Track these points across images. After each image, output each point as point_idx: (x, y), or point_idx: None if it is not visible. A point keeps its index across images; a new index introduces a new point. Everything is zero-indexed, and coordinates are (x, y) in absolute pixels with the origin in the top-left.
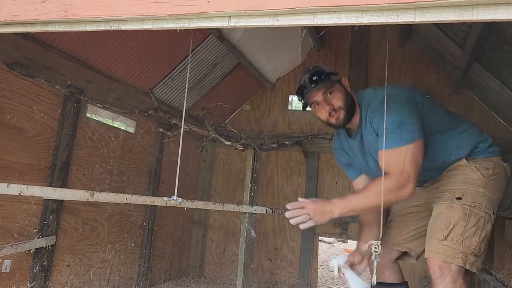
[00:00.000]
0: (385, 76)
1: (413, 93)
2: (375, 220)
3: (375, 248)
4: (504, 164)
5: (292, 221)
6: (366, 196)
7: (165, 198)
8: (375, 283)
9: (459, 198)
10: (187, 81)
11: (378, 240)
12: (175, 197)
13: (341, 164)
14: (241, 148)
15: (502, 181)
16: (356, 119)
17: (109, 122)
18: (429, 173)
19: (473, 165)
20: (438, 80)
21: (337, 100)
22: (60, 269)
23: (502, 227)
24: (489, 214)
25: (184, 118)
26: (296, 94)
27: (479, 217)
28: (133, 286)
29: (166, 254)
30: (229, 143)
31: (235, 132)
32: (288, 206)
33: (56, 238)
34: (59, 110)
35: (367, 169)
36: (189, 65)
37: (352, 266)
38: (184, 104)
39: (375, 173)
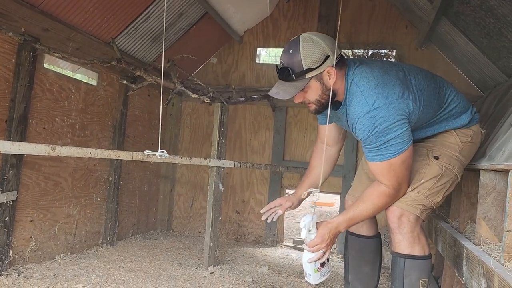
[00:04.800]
0: (353, 30)
1: (404, 103)
2: (320, 166)
3: (314, 195)
4: (482, 131)
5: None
6: (369, 209)
7: (148, 152)
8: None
9: (436, 157)
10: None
11: (317, 188)
12: (159, 152)
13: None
14: (208, 101)
15: (475, 147)
16: (341, 96)
17: (69, 73)
18: None
19: (453, 131)
20: (405, 34)
21: (310, 96)
22: (24, 224)
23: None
24: (458, 177)
25: (149, 70)
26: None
27: (449, 178)
28: (101, 240)
29: (133, 208)
30: (196, 96)
31: (202, 85)
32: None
33: (17, 193)
34: (13, 60)
35: (346, 127)
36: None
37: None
38: (163, 45)
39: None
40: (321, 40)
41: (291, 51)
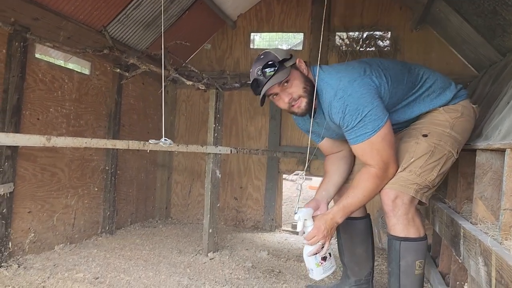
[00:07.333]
0: (347, 13)
1: (368, 78)
2: (337, 170)
3: (300, 177)
4: (473, 106)
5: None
6: (360, 194)
7: (152, 141)
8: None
9: (425, 135)
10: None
11: (303, 170)
12: (163, 140)
13: (302, 129)
14: (203, 88)
15: (470, 123)
16: (315, 101)
17: (62, 63)
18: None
19: (441, 109)
20: (400, 15)
21: (296, 88)
22: (22, 216)
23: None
24: (452, 153)
25: (142, 57)
26: (251, 87)
27: (442, 155)
28: (100, 229)
29: (131, 197)
30: (190, 83)
31: (197, 72)
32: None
33: (14, 185)
34: (4, 51)
35: (331, 135)
36: None
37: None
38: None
39: (339, 137)
40: (279, 48)
41: (262, 57)
